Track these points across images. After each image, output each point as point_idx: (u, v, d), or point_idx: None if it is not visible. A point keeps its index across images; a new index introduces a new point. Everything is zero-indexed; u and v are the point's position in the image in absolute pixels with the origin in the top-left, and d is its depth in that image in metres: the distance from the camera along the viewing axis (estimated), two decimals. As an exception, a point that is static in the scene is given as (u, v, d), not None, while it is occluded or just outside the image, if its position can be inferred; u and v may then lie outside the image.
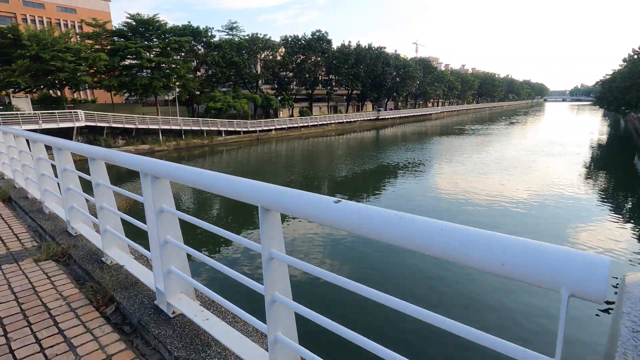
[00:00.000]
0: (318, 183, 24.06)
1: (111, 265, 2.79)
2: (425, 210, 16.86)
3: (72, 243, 3.24)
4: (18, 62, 26.63)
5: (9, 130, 5.03)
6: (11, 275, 2.70)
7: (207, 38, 43.01)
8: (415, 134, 58.58)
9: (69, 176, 3.36)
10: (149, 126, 37.80)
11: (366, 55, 63.63)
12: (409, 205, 17.97)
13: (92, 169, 2.72)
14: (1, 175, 6.40)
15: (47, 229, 3.66)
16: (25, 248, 3.23)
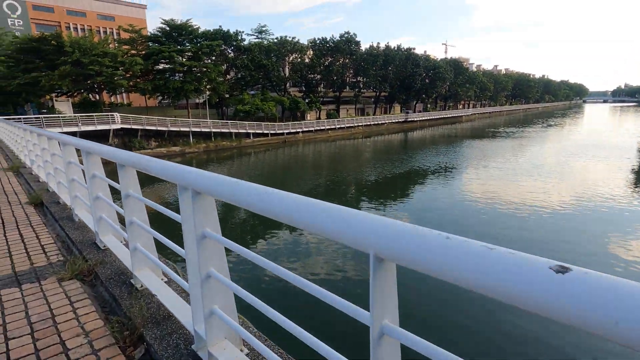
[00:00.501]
0: (345, 187, 23.41)
1: (141, 291, 2.38)
2: (453, 217, 15.90)
3: (100, 259, 2.88)
4: (60, 68, 27.87)
5: (42, 133, 4.85)
6: (31, 299, 2.34)
7: (237, 41, 43.58)
8: (445, 137, 56.67)
9: (97, 183, 3.01)
10: (180, 129, 38.63)
11: (395, 56, 62.46)
12: (435, 212, 17.04)
13: (122, 177, 2.33)
14: (37, 178, 6.31)
15: (75, 239, 3.34)
16: (50, 263, 2.90)
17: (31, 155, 6.61)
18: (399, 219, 10.97)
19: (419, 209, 17.86)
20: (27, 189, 5.73)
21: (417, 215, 16.59)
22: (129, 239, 2.40)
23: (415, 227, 0.80)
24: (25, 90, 29.68)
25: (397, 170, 28.37)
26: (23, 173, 6.94)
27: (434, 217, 16.11)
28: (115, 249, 2.98)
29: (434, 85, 76.34)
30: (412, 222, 0.95)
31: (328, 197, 20.91)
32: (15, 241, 3.41)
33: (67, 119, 30.70)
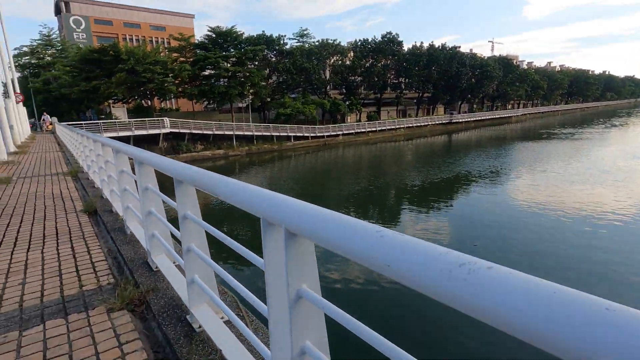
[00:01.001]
0: (385, 192, 22.36)
1: (199, 333, 1.96)
2: (505, 228, 14.37)
3: (152, 284, 2.53)
4: (117, 75, 29.66)
5: (97, 139, 4.73)
6: (76, 335, 2.01)
7: (280, 46, 44.09)
8: (494, 139, 53.25)
9: (150, 197, 2.67)
10: (225, 132, 39.70)
11: (439, 55, 60.10)
12: (487, 221, 15.52)
13: (179, 194, 1.93)
14: (92, 183, 6.32)
15: (126, 256, 3.05)
16: (100, 286, 2.60)
17: (87, 161, 6.67)
18: (442, 227, 11.83)
19: (463, 216, 16.49)
20: (82, 195, 5.71)
21: (461, 224, 15.33)
22: (186, 268, 2.00)
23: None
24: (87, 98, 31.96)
25: (441, 174, 26.75)
26: (80, 178, 7.05)
27: (481, 228, 14.67)
28: (169, 273, 2.62)
29: (481, 84, 72.55)
30: (456, 233, 0.74)
31: (368, 202, 20.08)
32: (66, 256, 3.19)
33: (122, 123, 32.60)
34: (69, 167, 8.72)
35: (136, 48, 32.92)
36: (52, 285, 2.60)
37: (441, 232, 14.19)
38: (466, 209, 17.80)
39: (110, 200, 4.48)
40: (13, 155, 11.52)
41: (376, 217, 17.08)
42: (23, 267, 2.94)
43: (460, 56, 64.16)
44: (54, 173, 7.78)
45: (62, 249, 3.32)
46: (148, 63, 31.74)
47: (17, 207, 4.99)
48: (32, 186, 6.44)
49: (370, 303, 9.08)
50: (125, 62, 30.51)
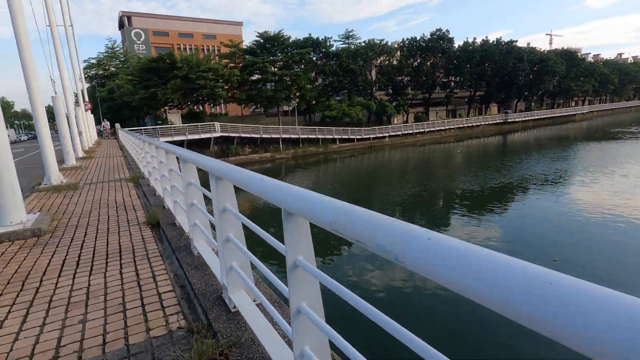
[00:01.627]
0: (434, 197, 20.71)
1: None
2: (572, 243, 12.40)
3: (233, 335, 1.97)
4: (172, 82, 31.08)
5: (160, 145, 4.40)
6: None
7: (326, 48, 43.85)
8: (554, 140, 48.39)
9: (228, 220, 2.13)
10: (272, 135, 40.15)
11: (494, 51, 56.38)
12: (561, 233, 13.54)
13: (288, 228, 1.32)
14: (153, 191, 6.12)
15: (196, 288, 2.55)
16: (171, 331, 2.09)
17: (149, 167, 6.51)
18: (492, 236, 11.09)
19: (528, 227, 14.48)
20: (144, 204, 5.48)
21: (516, 236, 13.59)
22: (295, 338, 1.39)
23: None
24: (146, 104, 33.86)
25: (495, 178, 24.18)
26: (142, 184, 6.93)
27: (556, 241, 12.81)
28: (253, 320, 2.04)
29: (541, 80, 67.04)
30: (525, 245, 0.73)
31: (416, 207, 18.77)
32: (130, 282, 2.77)
33: (177, 128, 34.10)
34: (131, 172, 8.79)
35: (190, 56, 34.38)
36: (116, 327, 2.15)
37: (505, 243, 12.71)
38: (531, 217, 15.87)
39: (173, 212, 4.10)
40: (81, 161, 12.07)
41: (426, 225, 15.85)
42: (85, 297, 2.56)
43: (517, 51, 59.78)
44: (116, 179, 7.82)
45: (126, 273, 2.92)
46: (201, 70, 32.96)
47: (82, 217, 4.83)
48: (97, 193, 6.39)
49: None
50: (180, 69, 31.92)
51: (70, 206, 5.47)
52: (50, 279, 2.88)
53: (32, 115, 6.34)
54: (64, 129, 9.53)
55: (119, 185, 7.01)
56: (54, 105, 9.28)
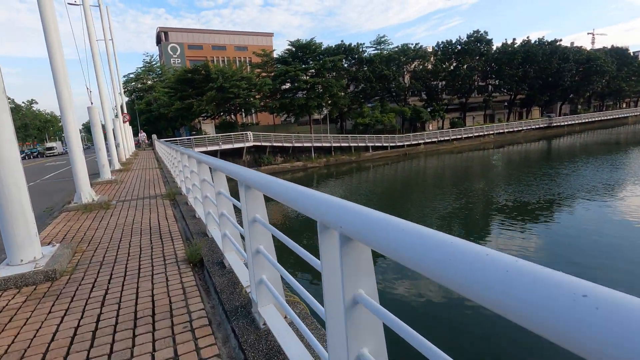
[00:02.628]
0: (474, 211, 18.52)
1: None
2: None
3: None
4: (208, 94, 31.23)
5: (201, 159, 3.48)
6: None
7: (359, 54, 42.90)
8: (606, 145, 44.18)
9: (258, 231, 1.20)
10: (304, 144, 39.52)
11: (537, 52, 53.04)
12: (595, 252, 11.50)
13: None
14: (192, 212, 5.23)
15: (249, 350, 1.51)
16: None
17: (187, 183, 5.66)
18: (554, 255, 9.52)
19: (568, 245, 12.63)
20: (182, 229, 4.58)
21: (563, 256, 11.71)
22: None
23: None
24: (181, 115, 34.26)
25: (541, 189, 21.70)
26: (179, 202, 6.11)
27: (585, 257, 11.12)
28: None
29: (589, 81, 62.43)
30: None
31: (454, 219, 16.96)
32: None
33: (211, 138, 34.22)
34: (167, 187, 8.08)
35: (224, 67, 34.59)
36: None
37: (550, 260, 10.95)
38: (578, 231, 13.80)
39: (222, 247, 3.11)
40: (117, 173, 11.67)
41: (464, 238, 14.15)
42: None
43: (562, 50, 56.02)
44: (152, 195, 7.09)
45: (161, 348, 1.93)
46: (235, 79, 33.00)
47: (109, 248, 3.98)
48: (130, 213, 5.62)
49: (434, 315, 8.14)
50: (214, 81, 32.09)
51: (99, 232, 4.68)
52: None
53: (63, 127, 5.71)
54: (99, 141, 9.03)
55: (154, 204, 6.24)
56: (89, 115, 8.82)
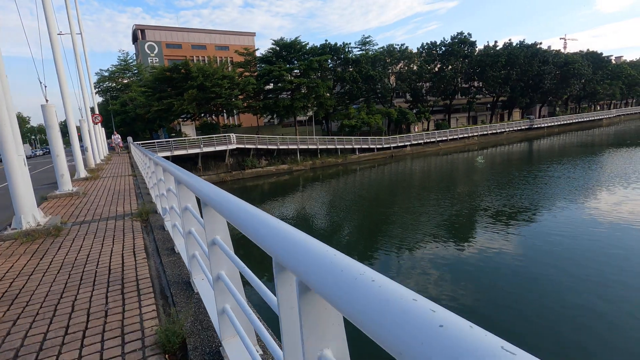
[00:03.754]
0: (468, 217, 17.69)
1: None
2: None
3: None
4: (188, 92, 29.46)
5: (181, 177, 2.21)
6: None
7: (345, 54, 41.94)
8: (583, 146, 44.84)
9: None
10: (289, 146, 38.20)
11: (519, 54, 53.65)
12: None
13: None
14: (171, 245, 3.91)
15: None
16: None
17: (163, 202, 4.36)
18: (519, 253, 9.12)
19: (545, 247, 12.28)
20: (156, 272, 3.28)
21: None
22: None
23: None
24: (159, 117, 32.28)
25: (527, 191, 21.46)
26: (153, 226, 4.77)
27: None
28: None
29: (567, 84, 63.93)
30: None
31: (447, 228, 15.95)
32: None
33: (191, 141, 32.40)
34: (139, 201, 6.69)
35: (205, 65, 32.86)
36: None
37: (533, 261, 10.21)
38: (559, 239, 13.20)
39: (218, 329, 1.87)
40: (82, 183, 10.08)
41: (453, 244, 13.57)
42: None
43: (542, 53, 56.98)
44: (119, 214, 5.69)
45: None
46: (216, 78, 31.35)
47: (36, 321, 2.63)
48: (85, 244, 4.25)
49: None
50: (195, 79, 30.36)
51: (33, 280, 3.30)
52: None
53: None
54: (56, 146, 7.52)
55: (121, 227, 4.87)
56: (43, 115, 7.31)
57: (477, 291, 9.69)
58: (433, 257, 12.29)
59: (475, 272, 10.99)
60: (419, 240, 14.30)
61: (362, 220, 19.48)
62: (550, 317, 8.10)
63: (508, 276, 10.51)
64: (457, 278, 10.52)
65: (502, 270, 10.94)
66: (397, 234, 15.48)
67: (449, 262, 11.84)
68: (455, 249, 13.07)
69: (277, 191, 31.14)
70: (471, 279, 10.41)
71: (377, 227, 17.24)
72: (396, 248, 13.71)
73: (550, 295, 9.14)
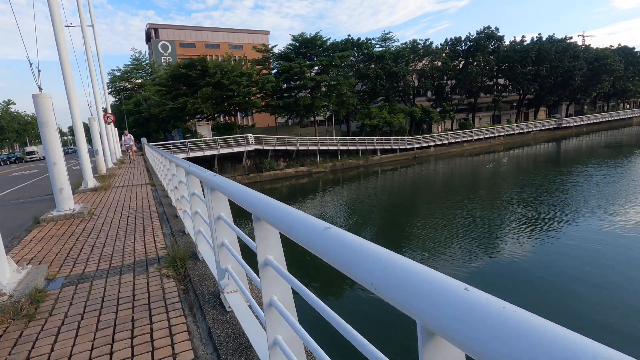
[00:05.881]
0: (508, 227, 15.41)
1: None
2: None
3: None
4: (203, 90, 27.68)
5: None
6: None
7: (369, 49, 39.65)
8: (614, 147, 41.74)
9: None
10: (309, 147, 36.21)
11: (549, 50, 50.55)
12: None
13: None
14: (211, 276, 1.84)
15: None
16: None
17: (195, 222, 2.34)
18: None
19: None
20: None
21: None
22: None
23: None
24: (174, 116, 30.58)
25: (564, 197, 19.45)
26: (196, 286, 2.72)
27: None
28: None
29: (598, 80, 60.39)
30: None
31: (484, 237, 14.11)
32: None
33: (208, 142, 30.67)
34: (165, 229, 4.69)
35: (222, 62, 31.06)
36: None
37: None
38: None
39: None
40: (89, 196, 8.15)
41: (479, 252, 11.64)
42: None
43: (573, 49, 53.73)
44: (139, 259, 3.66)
45: None
46: (234, 75, 29.51)
47: None
48: (82, 342, 2.23)
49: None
50: (213, 76, 28.57)
51: None
52: None
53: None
54: (53, 151, 5.57)
55: (143, 292, 2.87)
56: (35, 107, 5.38)
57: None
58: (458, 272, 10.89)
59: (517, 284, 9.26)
60: (446, 253, 12.88)
61: (384, 229, 17.92)
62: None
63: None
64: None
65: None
66: (419, 246, 14.02)
67: (476, 275, 10.63)
68: (486, 264, 11.61)
69: (296, 195, 29.24)
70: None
71: (400, 238, 15.70)
72: (416, 259, 11.86)
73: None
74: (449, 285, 0.55)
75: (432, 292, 0.55)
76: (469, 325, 0.47)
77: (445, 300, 0.52)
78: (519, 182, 25.66)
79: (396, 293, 0.61)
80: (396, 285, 0.61)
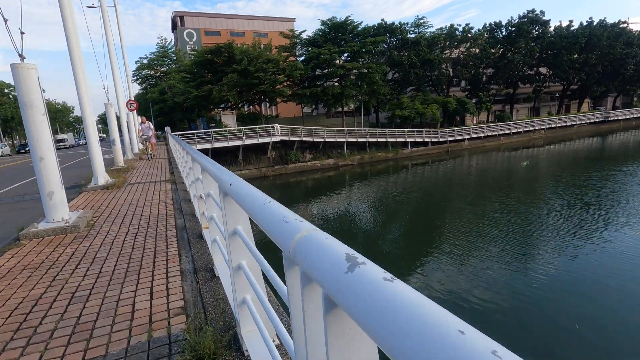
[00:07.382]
0: (550, 241, 13.14)
1: None
2: None
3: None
4: (228, 76, 26.36)
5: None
6: None
7: (403, 35, 37.08)
8: None
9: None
10: (336, 139, 34.42)
11: (600, 36, 46.05)
12: None
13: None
14: None
15: None
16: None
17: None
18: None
19: None
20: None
21: None
22: None
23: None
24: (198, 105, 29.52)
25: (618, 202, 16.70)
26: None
27: None
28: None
29: (653, 70, 54.92)
30: None
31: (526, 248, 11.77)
32: None
33: (233, 132, 29.50)
34: (184, 258, 3.18)
35: (249, 48, 29.59)
36: None
37: None
38: None
39: None
40: (96, 196, 6.81)
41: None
42: None
43: (627, 34, 48.82)
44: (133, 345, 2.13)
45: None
46: (261, 62, 28.00)
47: None
48: None
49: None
50: (239, 62, 27.17)
51: None
52: None
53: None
54: (39, 141, 4.16)
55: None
56: (15, 82, 3.95)
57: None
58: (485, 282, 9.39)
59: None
60: (478, 258, 11.38)
61: (412, 228, 16.40)
62: None
63: None
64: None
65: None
66: (448, 249, 12.51)
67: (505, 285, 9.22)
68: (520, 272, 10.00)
69: (322, 189, 27.55)
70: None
71: (428, 238, 14.31)
72: (448, 265, 10.95)
73: None
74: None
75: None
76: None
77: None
78: (575, 183, 22.85)
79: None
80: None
